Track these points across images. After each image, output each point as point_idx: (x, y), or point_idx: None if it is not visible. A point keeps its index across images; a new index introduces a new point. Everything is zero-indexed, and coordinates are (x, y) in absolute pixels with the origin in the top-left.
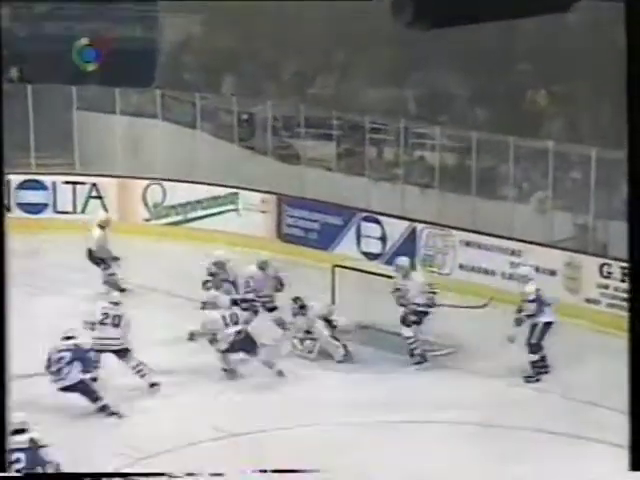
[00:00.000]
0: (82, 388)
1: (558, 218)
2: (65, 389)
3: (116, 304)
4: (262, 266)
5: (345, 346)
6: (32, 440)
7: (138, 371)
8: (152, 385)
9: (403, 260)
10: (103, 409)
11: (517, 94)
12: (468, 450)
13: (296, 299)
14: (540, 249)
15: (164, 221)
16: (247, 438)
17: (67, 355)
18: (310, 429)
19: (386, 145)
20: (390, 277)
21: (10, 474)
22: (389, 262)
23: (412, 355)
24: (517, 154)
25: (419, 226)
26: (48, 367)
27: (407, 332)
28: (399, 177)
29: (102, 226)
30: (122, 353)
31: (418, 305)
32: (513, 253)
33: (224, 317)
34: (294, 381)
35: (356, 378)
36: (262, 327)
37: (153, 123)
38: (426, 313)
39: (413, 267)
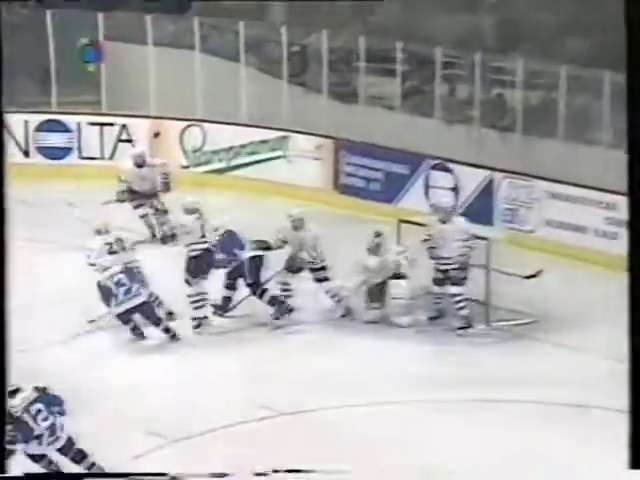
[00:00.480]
0: (146, 310)
1: None
2: (127, 312)
3: None
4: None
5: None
6: (37, 388)
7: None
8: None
9: (445, 200)
10: (167, 331)
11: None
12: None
13: None
14: None
15: (204, 168)
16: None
17: (122, 277)
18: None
19: (459, 82)
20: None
21: (10, 474)
22: (463, 216)
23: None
24: (613, 91)
25: (498, 175)
26: (103, 296)
27: (453, 289)
28: (474, 119)
29: (139, 164)
30: None
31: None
32: (608, 206)
33: None
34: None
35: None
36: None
37: (190, 55)
38: (463, 269)
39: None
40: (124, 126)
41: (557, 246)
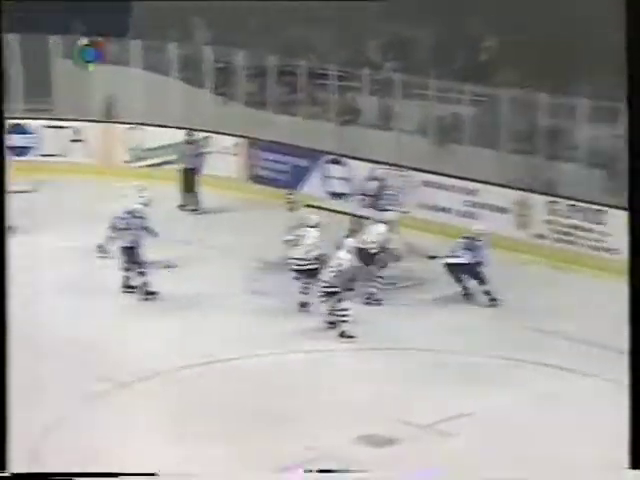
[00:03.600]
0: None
1: (510, 159)
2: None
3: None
4: None
5: None
6: None
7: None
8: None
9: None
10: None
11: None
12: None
13: None
14: (493, 188)
15: (143, 163)
16: None
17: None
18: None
19: (350, 91)
20: (352, 215)
21: (10, 474)
22: (352, 201)
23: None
24: (475, 100)
25: (381, 167)
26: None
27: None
28: (363, 122)
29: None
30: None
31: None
32: (468, 192)
33: None
34: None
35: None
36: None
37: (130, 71)
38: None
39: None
40: (76, 129)
41: (427, 224)
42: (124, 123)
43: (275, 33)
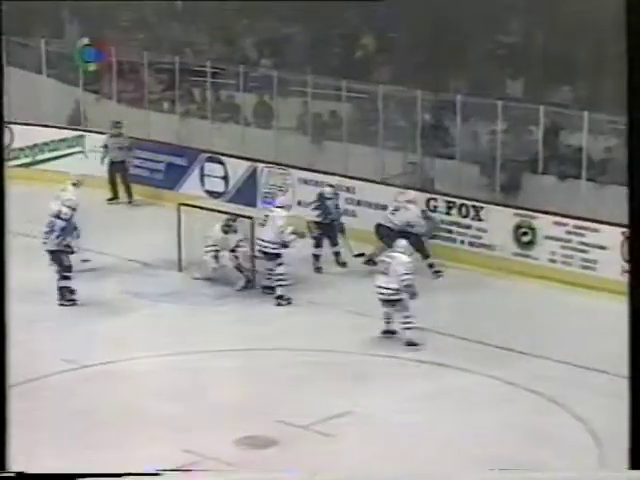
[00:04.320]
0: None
1: (389, 156)
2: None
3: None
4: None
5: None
6: None
7: None
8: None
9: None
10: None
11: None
12: None
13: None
14: (373, 185)
15: (13, 163)
16: None
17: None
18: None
19: (225, 88)
20: (230, 214)
21: (10, 474)
22: (231, 200)
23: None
24: (353, 97)
25: (260, 165)
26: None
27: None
28: (240, 119)
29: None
30: None
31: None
32: (348, 190)
33: None
34: None
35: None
36: None
37: None
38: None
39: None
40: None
41: (306, 222)
42: None
43: (149, 29)
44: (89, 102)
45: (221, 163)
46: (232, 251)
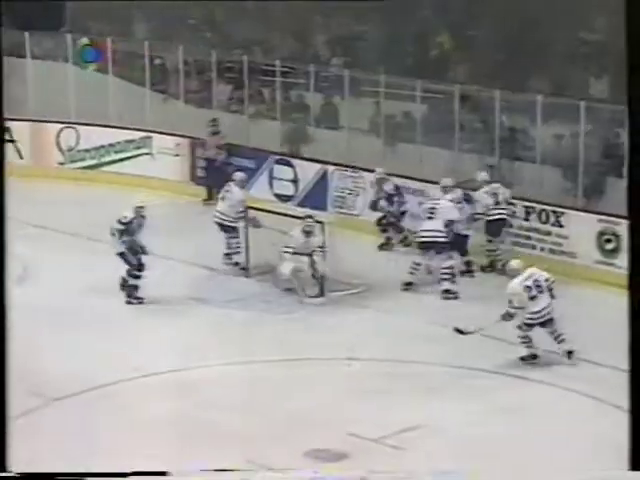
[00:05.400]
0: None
1: (466, 160)
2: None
3: None
4: None
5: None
6: None
7: None
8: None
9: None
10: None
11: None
12: None
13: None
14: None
15: (78, 165)
16: None
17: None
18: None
19: (295, 88)
20: (299, 217)
21: (10, 474)
22: (301, 204)
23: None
24: (423, 98)
25: (330, 168)
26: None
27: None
28: (310, 120)
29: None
30: None
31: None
32: (422, 194)
33: None
34: None
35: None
36: None
37: (64, 67)
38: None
39: (324, 208)
40: (7, 128)
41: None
42: (58, 122)
43: (217, 28)
44: (156, 102)
45: (291, 166)
46: (310, 255)
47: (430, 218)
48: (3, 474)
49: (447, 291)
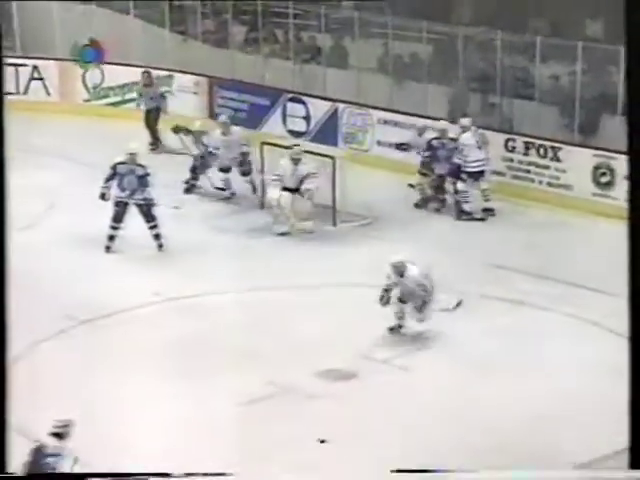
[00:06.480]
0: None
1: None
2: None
3: None
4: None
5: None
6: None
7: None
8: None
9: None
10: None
11: None
12: None
13: None
14: (451, 125)
15: (103, 102)
16: None
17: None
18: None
19: (306, 30)
20: (313, 153)
21: (10, 474)
22: (313, 140)
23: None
24: (434, 39)
25: (341, 106)
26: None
27: None
28: (321, 60)
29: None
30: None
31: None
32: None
33: None
34: None
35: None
36: None
37: (89, 9)
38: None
39: (335, 143)
40: (35, 67)
41: (386, 161)
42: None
43: None
44: (176, 43)
45: (303, 103)
46: (300, 183)
47: (479, 148)
48: (2, 474)
49: (466, 212)
